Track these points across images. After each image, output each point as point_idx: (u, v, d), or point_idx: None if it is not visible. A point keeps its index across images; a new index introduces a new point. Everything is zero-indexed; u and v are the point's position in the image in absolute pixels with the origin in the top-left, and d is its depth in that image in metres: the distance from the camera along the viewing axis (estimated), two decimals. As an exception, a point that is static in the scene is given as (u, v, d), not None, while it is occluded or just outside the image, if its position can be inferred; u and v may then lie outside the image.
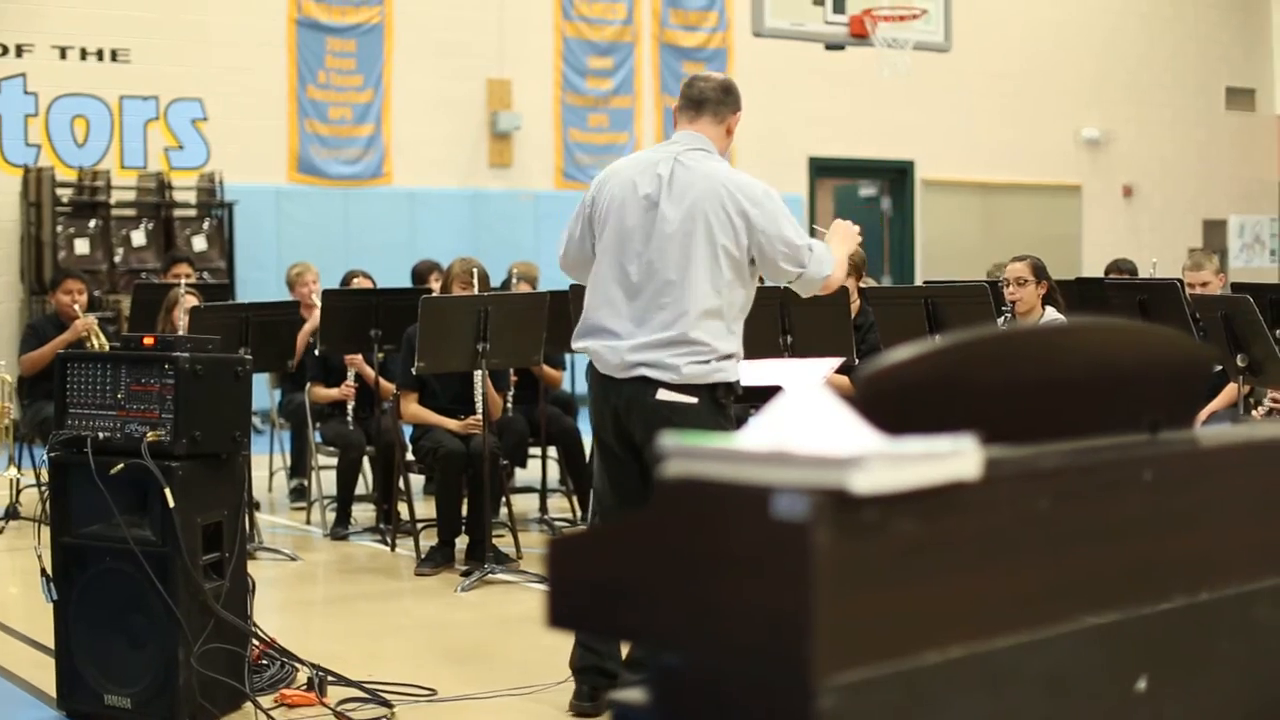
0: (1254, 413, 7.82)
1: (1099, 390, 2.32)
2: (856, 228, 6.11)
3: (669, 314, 5.62)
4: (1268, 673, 2.40)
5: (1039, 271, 8.45)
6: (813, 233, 6.14)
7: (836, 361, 7.40)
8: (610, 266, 5.77)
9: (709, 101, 5.83)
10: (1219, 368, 7.73)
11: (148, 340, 5.94)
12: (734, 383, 5.70)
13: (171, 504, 5.56)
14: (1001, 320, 8.24)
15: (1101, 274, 11.57)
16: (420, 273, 12.36)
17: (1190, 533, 2.30)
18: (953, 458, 1.89)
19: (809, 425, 1.89)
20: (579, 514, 10.07)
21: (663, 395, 5.61)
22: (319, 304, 10.03)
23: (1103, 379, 2.33)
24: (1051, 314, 8.37)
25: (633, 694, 2.09)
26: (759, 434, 1.91)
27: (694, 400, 5.61)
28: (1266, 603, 2.39)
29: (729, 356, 5.66)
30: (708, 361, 5.61)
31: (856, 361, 8.13)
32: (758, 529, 1.81)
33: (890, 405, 2.02)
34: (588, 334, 5.80)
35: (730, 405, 5.74)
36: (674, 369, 5.59)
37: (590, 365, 5.83)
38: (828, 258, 5.75)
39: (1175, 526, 2.28)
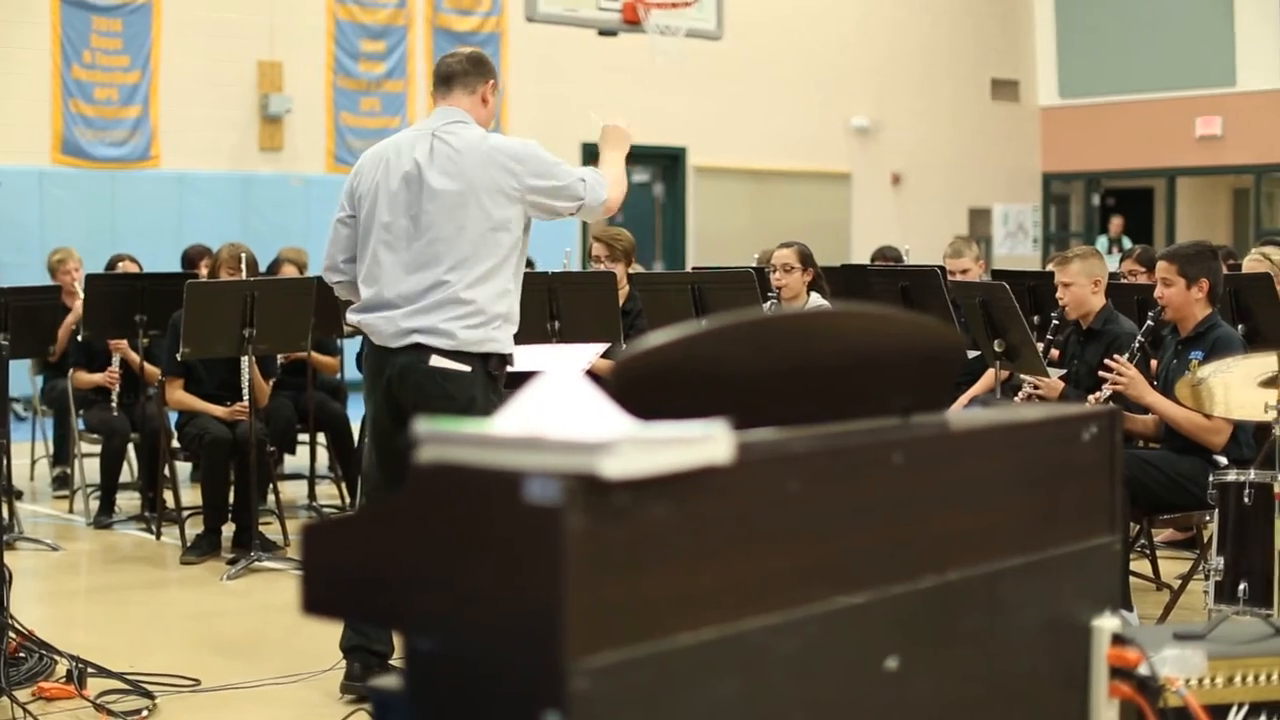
0: (1016, 399, 7.98)
1: (852, 375, 2.36)
2: (629, 128, 6.17)
3: (441, 283, 5.63)
4: (1011, 648, 2.46)
5: (805, 258, 8.55)
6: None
7: (602, 347, 7.44)
8: (379, 244, 5.77)
9: (456, 75, 5.88)
10: (977, 353, 7.89)
11: (-101, 325, 5.79)
12: (508, 355, 5.74)
13: (-76, 493, 5.42)
14: (768, 306, 8.34)
15: (869, 260, 11.76)
16: (191, 257, 12.13)
17: (940, 514, 2.35)
18: (704, 442, 1.91)
19: (562, 410, 1.91)
20: (348, 500, 9.99)
21: (435, 362, 5.63)
22: (81, 292, 9.82)
23: (856, 364, 2.37)
24: (817, 300, 8.48)
25: (389, 680, 2.09)
26: (512, 419, 1.91)
27: (467, 369, 5.63)
28: (1011, 581, 2.45)
29: (502, 319, 5.69)
30: (482, 325, 5.63)
31: (624, 347, 8.17)
32: (510, 514, 1.82)
33: (644, 390, 2.04)
34: (362, 309, 5.80)
35: (502, 377, 5.76)
36: (448, 334, 5.61)
37: (365, 341, 5.81)
38: (601, 182, 5.84)
39: (925, 508, 2.33)
